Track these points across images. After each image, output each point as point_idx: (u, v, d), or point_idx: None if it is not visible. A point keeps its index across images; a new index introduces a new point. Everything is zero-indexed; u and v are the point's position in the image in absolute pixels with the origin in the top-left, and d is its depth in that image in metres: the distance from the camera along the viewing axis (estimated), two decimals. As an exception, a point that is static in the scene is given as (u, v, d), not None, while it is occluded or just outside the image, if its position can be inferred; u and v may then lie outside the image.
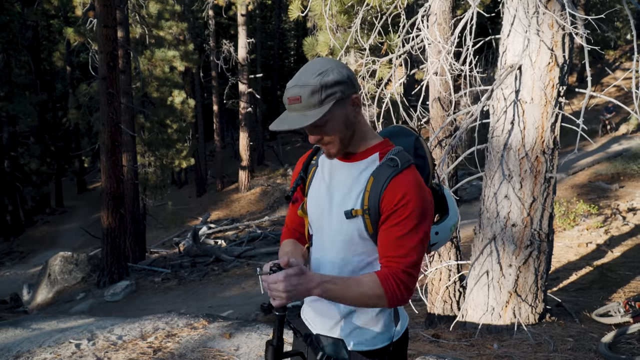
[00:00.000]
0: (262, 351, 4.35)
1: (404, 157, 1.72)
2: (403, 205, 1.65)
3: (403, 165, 1.70)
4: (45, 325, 5.83)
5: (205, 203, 24.37)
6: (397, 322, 1.84)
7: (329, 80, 1.65)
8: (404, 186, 1.67)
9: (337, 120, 1.70)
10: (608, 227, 9.86)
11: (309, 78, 1.66)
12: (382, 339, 1.82)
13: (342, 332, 1.84)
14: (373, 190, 1.69)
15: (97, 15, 11.11)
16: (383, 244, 1.72)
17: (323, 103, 1.65)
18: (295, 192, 1.99)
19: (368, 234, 1.74)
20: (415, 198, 1.66)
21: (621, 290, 6.60)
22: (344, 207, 1.75)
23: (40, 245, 22.94)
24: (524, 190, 4.87)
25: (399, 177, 1.68)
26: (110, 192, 11.37)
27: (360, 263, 1.80)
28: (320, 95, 1.64)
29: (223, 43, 23.82)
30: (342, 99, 1.68)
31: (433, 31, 5.44)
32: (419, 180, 1.71)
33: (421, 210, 1.67)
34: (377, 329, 1.82)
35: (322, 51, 7.23)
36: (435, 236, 1.95)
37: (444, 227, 1.97)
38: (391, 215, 1.67)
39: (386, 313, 1.83)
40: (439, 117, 5.66)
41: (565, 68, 4.72)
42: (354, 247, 1.78)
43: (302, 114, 1.67)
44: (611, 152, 16.82)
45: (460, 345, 4.96)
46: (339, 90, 1.67)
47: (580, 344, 4.76)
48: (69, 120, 28.14)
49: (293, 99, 1.67)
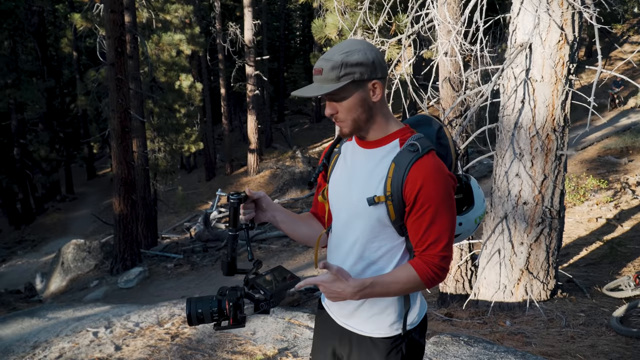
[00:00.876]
0: (279, 334, 4.43)
1: (424, 143, 1.74)
2: (426, 192, 1.69)
3: (423, 151, 1.72)
4: (62, 314, 5.90)
5: (215, 187, 24.40)
6: (408, 308, 1.86)
7: (350, 60, 1.70)
8: (425, 171, 1.69)
9: (353, 100, 1.74)
10: (618, 201, 9.84)
11: (335, 54, 1.72)
12: (398, 325, 1.86)
13: (358, 319, 1.89)
14: (395, 176, 1.72)
15: (104, 1, 11.08)
16: (414, 236, 1.76)
17: (340, 80, 1.70)
18: (318, 178, 2.04)
19: (390, 220, 1.77)
20: (436, 183, 1.69)
21: (631, 264, 6.63)
22: (366, 193, 1.77)
23: (51, 233, 23.09)
24: (535, 169, 4.89)
25: (420, 162, 1.70)
26: (121, 178, 11.43)
27: (379, 250, 1.83)
28: (339, 72, 1.70)
29: (229, 25, 23.68)
30: (360, 80, 1.72)
31: (442, 11, 5.42)
32: (440, 165, 1.73)
33: (443, 195, 1.71)
34: (393, 316, 1.86)
35: (331, 33, 7.21)
36: (459, 227, 1.96)
37: (469, 218, 1.99)
38: (415, 204, 1.71)
39: (401, 300, 1.86)
40: (449, 97, 5.66)
41: (575, 46, 4.71)
42: (374, 234, 1.81)
43: (319, 86, 1.74)
44: (620, 126, 16.71)
45: (473, 323, 5.02)
46: (358, 72, 1.71)
47: (592, 318, 4.81)
48: (77, 107, 28.25)
49: (316, 71, 1.74)
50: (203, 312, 1.75)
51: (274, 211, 2.00)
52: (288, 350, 4.11)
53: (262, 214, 1.97)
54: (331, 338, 2.00)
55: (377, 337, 1.87)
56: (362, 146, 1.87)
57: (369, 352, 1.88)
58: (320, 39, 7.97)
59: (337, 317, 1.97)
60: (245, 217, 1.91)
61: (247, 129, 24.68)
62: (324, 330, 2.04)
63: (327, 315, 2.02)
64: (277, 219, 2.01)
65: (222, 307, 1.75)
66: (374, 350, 1.87)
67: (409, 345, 1.88)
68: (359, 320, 1.89)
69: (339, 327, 1.96)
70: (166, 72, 17.18)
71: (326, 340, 2.03)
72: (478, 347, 3.73)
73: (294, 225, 2.05)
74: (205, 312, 1.75)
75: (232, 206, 1.85)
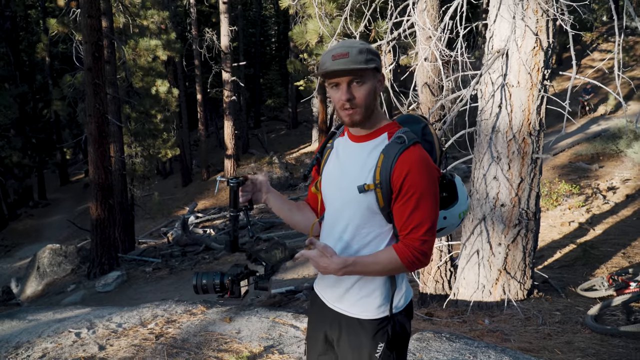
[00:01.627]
0: (264, 333, 4.49)
1: (410, 136, 1.89)
2: (411, 179, 1.83)
3: (410, 142, 1.87)
4: (42, 317, 5.85)
5: (192, 192, 24.32)
6: (394, 291, 1.98)
7: (372, 49, 1.89)
8: (411, 160, 1.84)
9: (371, 86, 1.90)
10: (589, 206, 10.11)
11: (354, 43, 1.88)
12: (384, 308, 1.98)
13: (347, 302, 2.02)
14: (384, 166, 1.86)
15: (81, 6, 11.02)
16: (398, 220, 1.89)
17: (368, 63, 1.86)
18: (312, 172, 2.20)
19: (378, 207, 1.90)
20: (421, 171, 1.84)
21: (604, 266, 6.82)
22: (357, 182, 1.91)
23: (25, 238, 22.72)
24: (512, 171, 5.04)
25: (406, 152, 1.85)
26: (98, 183, 11.35)
27: (368, 235, 1.96)
28: (367, 56, 1.86)
29: (205, 31, 23.70)
30: (377, 70, 1.90)
31: (422, 17, 5.57)
32: (425, 155, 1.88)
33: (428, 182, 1.85)
34: (379, 299, 1.98)
35: (312, 39, 7.32)
36: (443, 221, 2.09)
37: (453, 212, 2.11)
38: (401, 191, 1.84)
39: (387, 284, 1.98)
40: (428, 101, 5.79)
41: (549, 52, 4.88)
42: (363, 220, 1.94)
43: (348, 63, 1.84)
44: (590, 133, 17.12)
45: (453, 322, 5.14)
46: (378, 60, 1.89)
47: (568, 317, 4.96)
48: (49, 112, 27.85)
49: (339, 55, 1.85)
50: (207, 284, 1.96)
51: (272, 196, 2.20)
52: (274, 348, 4.17)
53: (260, 196, 2.17)
54: (323, 323, 2.12)
55: (364, 318, 1.99)
56: (353, 140, 2.01)
57: (357, 334, 2.00)
58: (302, 45, 8.06)
59: (329, 300, 2.09)
60: (242, 200, 2.09)
61: (223, 134, 24.64)
62: (317, 315, 2.16)
63: (320, 301, 2.14)
64: (273, 204, 2.19)
65: (223, 280, 1.93)
66: (362, 331, 1.99)
67: (394, 327, 1.99)
68: (348, 303, 2.02)
69: (330, 310, 2.07)
70: (143, 77, 17.10)
71: (318, 325, 2.15)
72: (459, 342, 3.84)
73: (289, 212, 2.23)
74: (208, 284, 1.95)
75: (232, 189, 2.05)
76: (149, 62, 17.12)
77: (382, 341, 1.97)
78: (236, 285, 1.95)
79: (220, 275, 1.96)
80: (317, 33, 7.21)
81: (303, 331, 4.47)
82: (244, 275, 1.97)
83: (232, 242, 2.08)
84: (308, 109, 31.44)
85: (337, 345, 2.07)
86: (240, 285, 1.96)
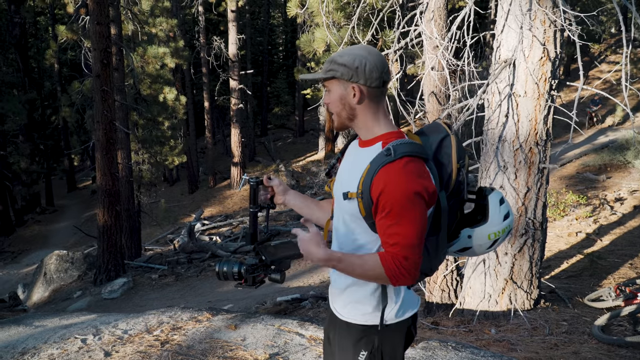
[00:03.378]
0: (270, 340, 4.49)
1: (401, 149, 1.80)
2: (386, 196, 1.77)
3: (396, 156, 1.78)
4: (48, 322, 5.87)
5: (198, 200, 24.37)
6: (385, 304, 1.95)
7: (339, 60, 1.93)
8: (390, 176, 1.77)
9: (335, 95, 1.96)
10: (597, 216, 10.07)
11: (337, 52, 1.99)
12: (372, 317, 1.97)
13: (341, 303, 2.06)
14: (367, 177, 1.82)
15: (90, 13, 11.12)
16: (381, 234, 1.85)
17: (326, 73, 1.96)
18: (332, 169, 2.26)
19: (361, 215, 1.88)
20: (398, 188, 1.76)
21: (611, 277, 6.80)
22: (344, 188, 1.94)
23: (32, 244, 22.81)
24: (519, 181, 5.03)
25: (388, 167, 1.78)
26: (105, 189, 11.42)
27: (355, 242, 1.97)
28: (328, 66, 1.96)
29: (213, 39, 23.84)
30: (341, 79, 1.93)
31: (429, 27, 5.59)
32: (409, 171, 1.78)
33: (405, 199, 1.76)
34: (369, 307, 1.97)
35: (319, 47, 7.36)
36: (467, 239, 2.01)
37: (480, 232, 2.00)
38: (378, 206, 1.80)
39: (376, 296, 1.96)
40: (435, 110, 5.81)
41: (556, 62, 4.88)
42: (350, 227, 1.96)
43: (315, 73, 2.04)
44: (598, 144, 17.09)
45: (459, 331, 5.12)
46: (340, 71, 1.92)
47: (574, 327, 4.94)
48: (58, 119, 28.03)
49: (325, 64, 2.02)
50: (227, 271, 2.10)
51: (291, 196, 2.34)
52: (279, 355, 4.16)
53: (278, 197, 2.33)
54: (327, 322, 2.19)
55: (351, 322, 2.00)
56: (359, 145, 2.03)
57: (343, 335, 2.03)
58: (309, 53, 8.11)
59: (330, 298, 2.15)
60: (262, 198, 2.27)
61: (230, 142, 24.72)
62: (327, 315, 2.22)
63: (328, 300, 2.20)
64: (293, 203, 2.34)
65: (240, 269, 2.08)
66: (347, 334, 2.01)
67: (381, 339, 1.97)
68: (341, 304, 2.05)
69: (330, 310, 2.14)
70: (151, 84, 17.21)
71: (326, 324, 2.22)
72: (465, 352, 3.83)
73: (309, 209, 2.33)
74: (228, 271, 2.10)
75: (252, 188, 2.25)
76: (157, 70, 17.24)
77: (366, 350, 1.96)
78: (250, 275, 2.07)
79: (239, 264, 2.09)
80: (325, 42, 7.25)
81: (308, 339, 4.46)
82: (259, 266, 2.08)
83: (252, 235, 2.24)
84: (315, 117, 31.49)
85: (332, 343, 2.12)
86: (254, 274, 2.08)
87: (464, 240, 2.02)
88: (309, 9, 7.05)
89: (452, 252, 2.08)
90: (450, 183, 1.95)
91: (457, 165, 1.95)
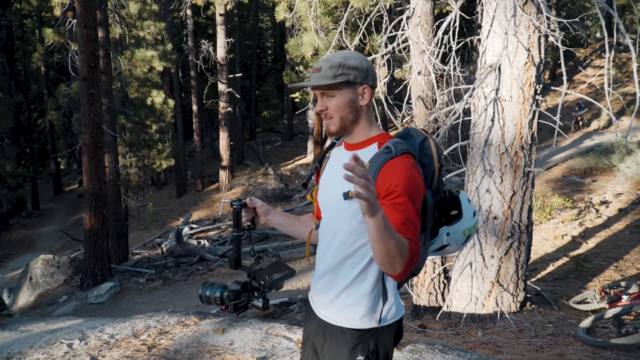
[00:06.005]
0: (257, 344, 4.49)
1: (400, 147, 1.89)
2: (395, 182, 1.81)
3: (397, 153, 1.87)
4: (34, 327, 5.82)
5: (186, 203, 24.29)
6: (385, 303, 1.98)
7: (348, 63, 1.92)
8: (395, 168, 1.84)
9: (344, 99, 1.94)
10: (582, 219, 10.17)
11: (335, 57, 1.94)
12: (368, 319, 1.98)
13: (334, 309, 2.03)
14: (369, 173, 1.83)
15: (77, 16, 11.05)
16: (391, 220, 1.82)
17: (336, 77, 1.91)
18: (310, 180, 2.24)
19: (362, 214, 1.88)
20: (403, 181, 1.82)
21: (596, 279, 6.86)
22: (342, 189, 1.90)
23: (17, 249, 22.61)
24: (505, 184, 5.08)
25: (391, 162, 1.86)
26: (92, 193, 11.34)
27: (355, 244, 1.97)
28: (337, 71, 1.91)
29: (202, 43, 23.78)
30: (353, 82, 1.92)
31: (416, 32, 5.63)
32: (411, 165, 1.87)
33: (411, 187, 1.82)
34: (365, 309, 1.97)
35: (307, 51, 7.38)
36: (446, 237, 2.07)
37: (456, 229, 2.08)
38: (386, 195, 1.82)
39: (374, 294, 1.98)
40: (422, 115, 5.85)
41: (541, 67, 4.94)
42: (350, 228, 1.96)
43: (317, 80, 1.93)
44: (583, 148, 17.25)
45: (446, 334, 5.15)
46: (352, 74, 1.91)
47: (560, 329, 4.98)
48: (44, 122, 27.85)
49: (315, 69, 1.96)
50: (209, 296, 2.12)
51: (273, 216, 2.33)
52: (267, 359, 4.17)
53: (261, 219, 2.30)
54: (310, 330, 2.15)
55: (347, 327, 1.99)
56: (347, 149, 2.05)
57: (338, 342, 2.00)
58: (297, 57, 8.14)
59: (317, 308, 2.11)
60: (244, 219, 2.22)
61: (218, 145, 24.69)
62: (307, 322, 2.20)
63: (310, 307, 2.17)
64: (276, 222, 2.32)
65: (222, 295, 2.10)
66: (342, 340, 1.99)
67: (376, 342, 1.99)
68: (334, 310, 2.03)
69: (317, 318, 2.10)
70: (138, 88, 17.16)
71: (306, 332, 2.19)
72: (452, 354, 3.85)
73: (292, 227, 2.35)
74: (210, 296, 2.12)
75: (235, 211, 2.18)
76: (145, 73, 17.19)
77: (362, 354, 1.97)
78: (231, 302, 2.08)
79: (222, 289, 2.11)
80: (313, 46, 7.28)
81: (296, 342, 4.47)
82: (240, 293, 2.10)
83: (235, 260, 2.22)
84: (304, 120, 31.52)
85: (321, 353, 2.08)
86: (235, 302, 2.09)
87: (443, 238, 2.08)
88: (297, 13, 7.08)
89: (432, 251, 2.14)
90: (433, 182, 2.02)
91: (438, 165, 2.03)
